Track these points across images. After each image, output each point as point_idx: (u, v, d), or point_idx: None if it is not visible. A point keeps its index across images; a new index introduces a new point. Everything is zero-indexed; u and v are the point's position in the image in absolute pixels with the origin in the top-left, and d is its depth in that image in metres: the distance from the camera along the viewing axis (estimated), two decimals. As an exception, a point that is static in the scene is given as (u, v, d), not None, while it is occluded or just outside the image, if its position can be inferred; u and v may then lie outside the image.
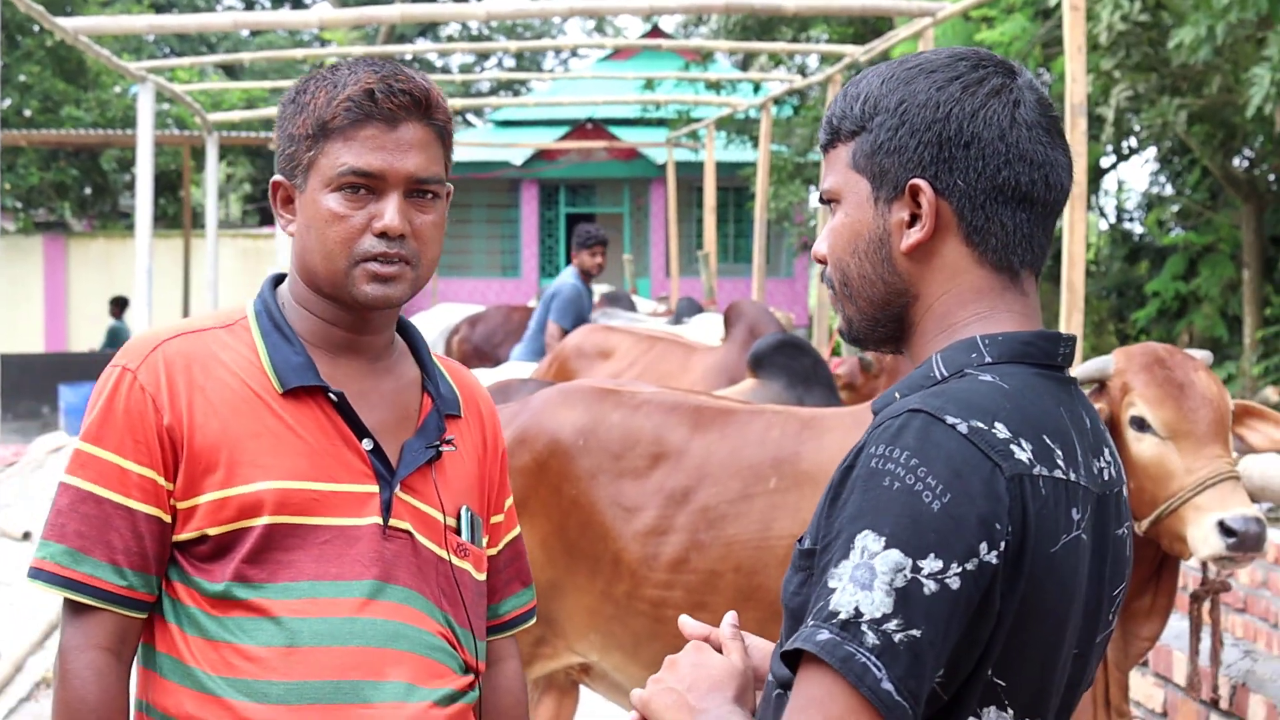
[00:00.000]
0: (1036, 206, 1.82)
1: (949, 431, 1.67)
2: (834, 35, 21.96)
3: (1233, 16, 11.46)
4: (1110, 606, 1.85)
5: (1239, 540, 3.43)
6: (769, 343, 6.04)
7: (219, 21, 11.60)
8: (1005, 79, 1.83)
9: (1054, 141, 1.84)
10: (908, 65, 1.85)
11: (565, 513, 4.18)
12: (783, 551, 4.00)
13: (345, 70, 2.32)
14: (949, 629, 1.62)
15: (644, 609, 4.09)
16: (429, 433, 2.40)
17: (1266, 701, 3.78)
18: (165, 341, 2.32)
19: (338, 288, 2.31)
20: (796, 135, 23.06)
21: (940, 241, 1.82)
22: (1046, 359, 1.82)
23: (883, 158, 1.83)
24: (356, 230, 2.28)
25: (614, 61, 32.50)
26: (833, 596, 1.62)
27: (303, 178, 2.32)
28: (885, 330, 1.90)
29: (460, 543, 2.41)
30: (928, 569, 1.61)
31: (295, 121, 2.32)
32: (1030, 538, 1.67)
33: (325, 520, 2.28)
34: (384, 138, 2.29)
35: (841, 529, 1.66)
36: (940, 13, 10.08)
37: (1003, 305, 1.84)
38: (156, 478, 2.26)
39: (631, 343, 8.55)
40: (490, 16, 9.84)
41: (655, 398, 4.30)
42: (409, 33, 35.17)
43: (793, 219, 26.97)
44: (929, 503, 1.63)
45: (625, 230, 34.13)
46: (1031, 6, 15.46)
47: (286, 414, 2.30)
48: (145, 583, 2.28)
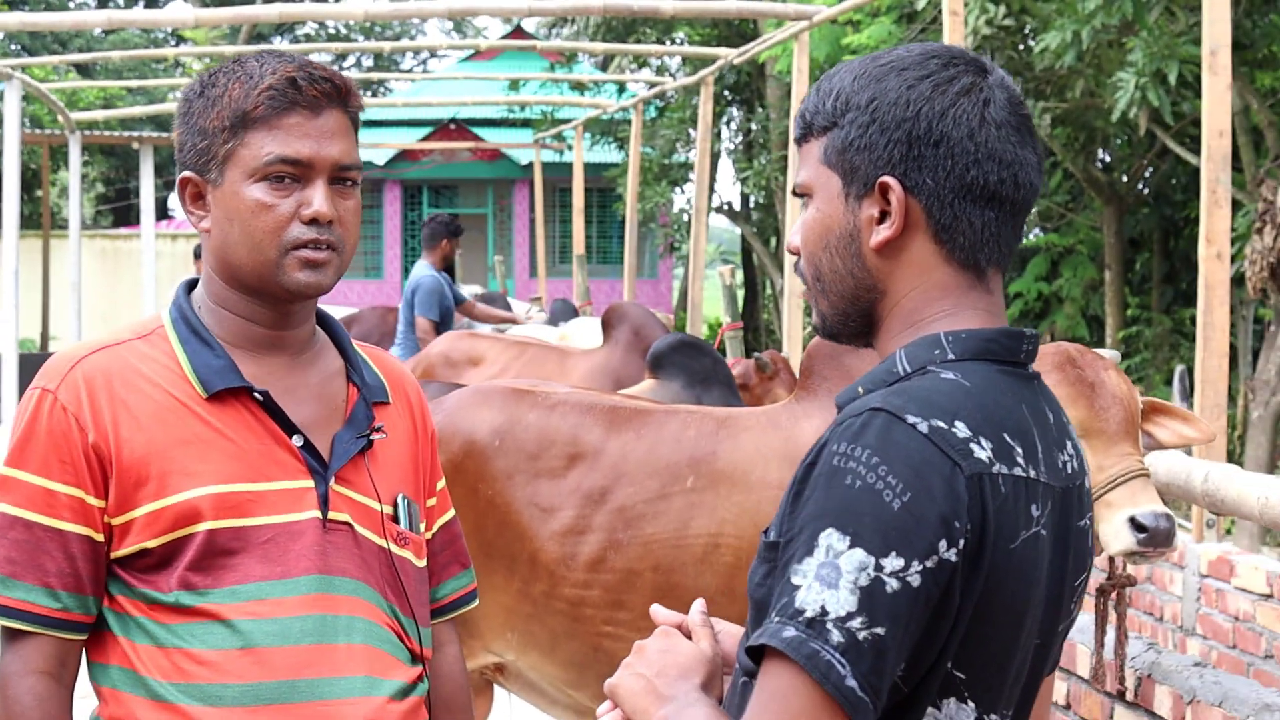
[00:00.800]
0: (1005, 205, 1.84)
1: (909, 431, 1.68)
2: (696, 38, 22.09)
3: (1097, 22, 11.70)
4: (1072, 596, 1.88)
5: (1149, 536, 3.51)
6: (668, 343, 6.07)
7: (93, 19, 11.36)
8: (976, 77, 1.84)
9: (1024, 140, 1.85)
10: (880, 62, 1.86)
11: (481, 513, 4.17)
12: (700, 550, 4.02)
13: (253, 63, 2.30)
14: (910, 626, 1.65)
15: (562, 608, 4.10)
16: (358, 423, 2.38)
17: (1173, 692, 3.86)
18: (83, 359, 2.28)
19: (265, 279, 2.28)
20: (661, 137, 23.16)
21: (909, 239, 1.84)
22: (1009, 355, 1.84)
23: (853, 154, 1.84)
24: (285, 219, 2.26)
25: (476, 62, 32.41)
26: (798, 594, 1.64)
27: (218, 171, 2.28)
28: (855, 325, 1.91)
29: (399, 531, 2.39)
30: (890, 567, 1.63)
31: (207, 115, 2.28)
32: (989, 535, 1.69)
33: (265, 519, 2.26)
34: (308, 125, 2.27)
35: (804, 525, 1.68)
36: (816, 17, 10.20)
37: (968, 303, 1.85)
38: (85, 496, 2.23)
39: (501, 349, 8.49)
40: (369, 17, 9.78)
41: (571, 398, 4.30)
42: (267, 32, 34.77)
43: (658, 220, 27.10)
44: (889, 501, 1.64)
45: (489, 231, 34.06)
46: (896, 10, 15.66)
47: (213, 418, 2.27)
48: (81, 604, 2.24)
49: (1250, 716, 3.60)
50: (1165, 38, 11.60)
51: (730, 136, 25.46)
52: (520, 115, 27.85)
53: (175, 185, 2.38)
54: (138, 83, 17.46)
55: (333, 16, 9.78)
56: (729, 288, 8.70)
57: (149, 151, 18.77)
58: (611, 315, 8.30)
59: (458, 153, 32.02)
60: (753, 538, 4.00)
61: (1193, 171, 16.35)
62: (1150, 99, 11.47)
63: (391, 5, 10.37)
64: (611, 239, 33.46)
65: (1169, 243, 18.81)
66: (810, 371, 4.16)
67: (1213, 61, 5.92)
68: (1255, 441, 12.49)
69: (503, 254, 29.79)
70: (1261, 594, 5.62)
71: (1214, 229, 5.94)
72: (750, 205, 23.97)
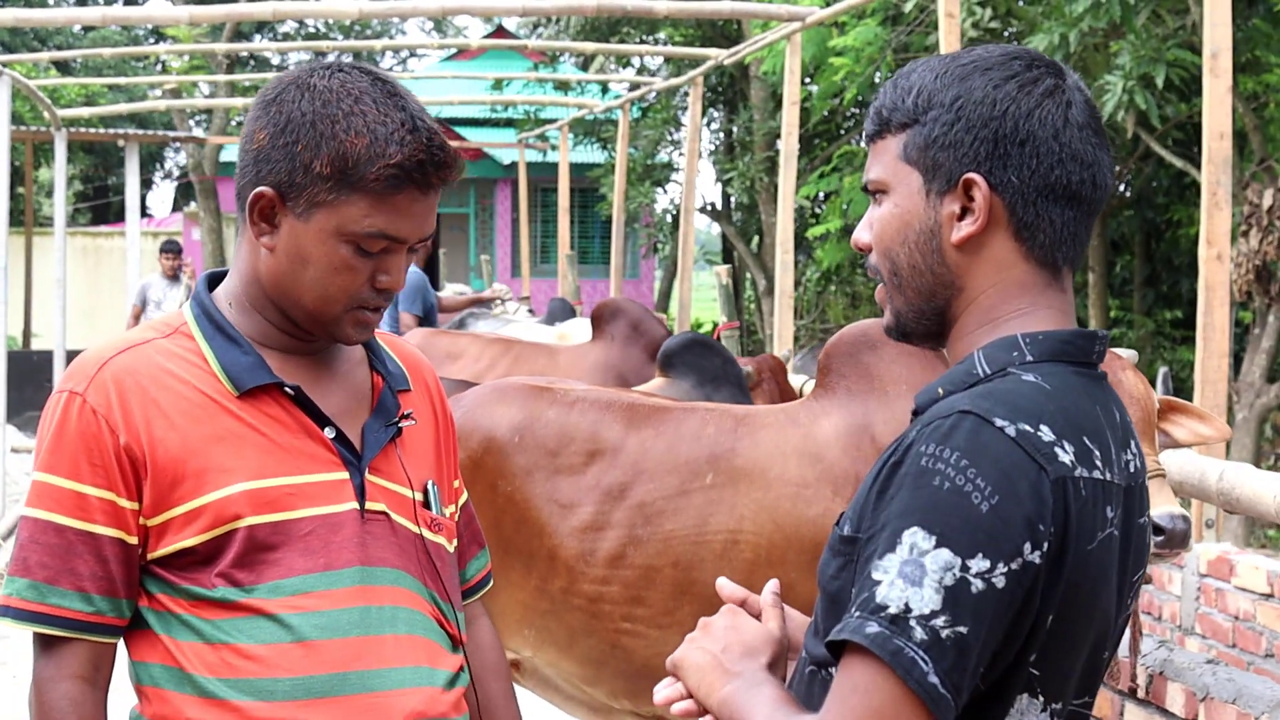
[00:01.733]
0: (1083, 205, 1.87)
1: (998, 434, 1.71)
2: (678, 38, 22.10)
3: (1085, 25, 11.74)
4: (1130, 591, 1.91)
5: (1167, 538, 3.55)
6: (679, 341, 6.08)
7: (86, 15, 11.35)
8: (1057, 80, 1.88)
9: (1101, 142, 1.89)
10: (961, 62, 1.89)
11: (500, 509, 4.19)
12: (719, 546, 4.05)
13: (375, 111, 2.21)
14: (993, 626, 1.68)
15: (580, 604, 4.12)
16: (386, 411, 2.39)
17: (1185, 689, 3.89)
18: (110, 359, 2.26)
19: (317, 325, 2.29)
20: (644, 137, 23.17)
21: (990, 236, 1.87)
22: (1083, 357, 1.87)
23: (937, 151, 1.87)
24: (362, 283, 2.26)
25: (458, 61, 32.38)
26: (879, 589, 1.67)
27: (306, 208, 2.22)
28: (930, 324, 1.94)
29: (432, 517, 2.40)
30: (975, 568, 1.66)
31: (314, 151, 2.20)
32: (1071, 538, 1.73)
33: (304, 512, 2.26)
34: (416, 205, 2.24)
35: (888, 523, 1.71)
36: (809, 18, 10.24)
37: (1044, 302, 1.89)
38: (116, 499, 2.21)
39: (482, 345, 8.47)
40: (364, 15, 9.79)
41: (590, 395, 4.32)
42: (248, 30, 34.71)
43: (641, 220, 27.11)
44: (978, 504, 1.67)
45: (471, 231, 34.01)
46: (882, 12, 15.69)
47: (245, 414, 2.27)
48: (114, 607, 2.24)
49: (1265, 713, 3.63)
50: (1153, 41, 11.65)
51: (711, 137, 25.48)
52: (503, 115, 27.83)
53: (244, 195, 2.28)
54: (121, 80, 17.41)
55: (327, 14, 9.78)
56: (725, 287, 8.72)
57: (134, 149, 18.72)
58: (604, 310, 8.26)
59: (439, 152, 31.92)
60: (771, 534, 4.03)
61: (1175, 174, 16.45)
62: (1138, 102, 11.51)
63: (386, 3, 10.36)
64: (593, 239, 33.46)
65: (1151, 245, 18.91)
66: (828, 369, 4.19)
67: (1214, 64, 5.96)
68: (1240, 443, 12.56)
69: (486, 253, 29.79)
70: (1262, 593, 5.66)
71: (1214, 231, 5.98)
72: (732, 205, 23.98)
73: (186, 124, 30.86)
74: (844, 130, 20.19)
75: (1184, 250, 17.58)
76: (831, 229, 17.59)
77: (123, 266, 21.13)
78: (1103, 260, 17.23)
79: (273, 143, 2.24)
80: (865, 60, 15.53)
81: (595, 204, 28.45)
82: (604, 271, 30.53)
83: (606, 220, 27.87)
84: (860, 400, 4.10)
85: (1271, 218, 12.02)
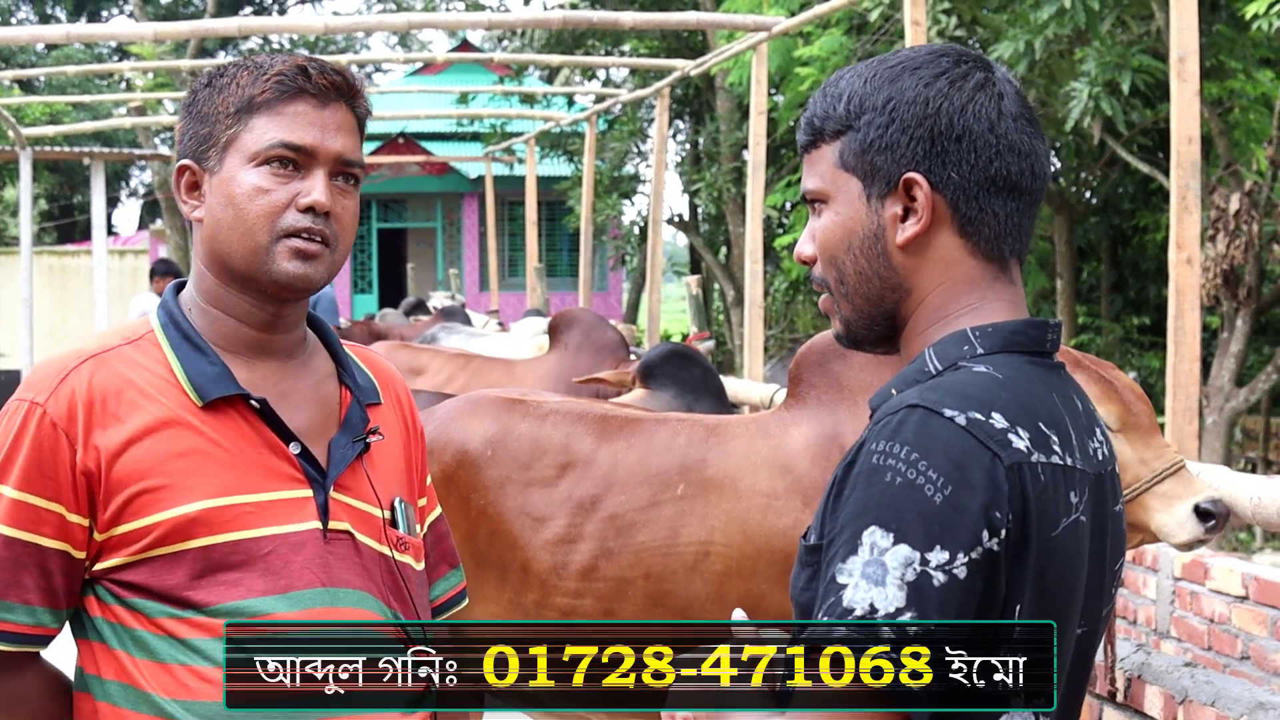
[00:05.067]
0: (1024, 195, 1.86)
1: (947, 424, 1.70)
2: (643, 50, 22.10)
3: (1050, 32, 11.78)
4: (1111, 580, 1.90)
5: (1216, 522, 3.58)
6: (659, 352, 6.07)
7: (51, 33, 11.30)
8: (986, 73, 1.87)
9: (1035, 131, 1.88)
10: (889, 65, 1.88)
11: (473, 523, 4.17)
12: (690, 558, 4.03)
13: (264, 58, 2.28)
14: (959, 618, 1.66)
15: (553, 617, 4.10)
16: (354, 427, 2.34)
17: (1164, 692, 3.88)
18: (73, 370, 2.21)
19: (255, 267, 2.23)
20: (610, 150, 23.18)
21: (934, 234, 1.86)
22: (1036, 346, 1.86)
23: (874, 155, 1.85)
24: (280, 205, 2.21)
25: (423, 76, 32.37)
26: (844, 593, 1.66)
27: (218, 158, 2.24)
28: (880, 329, 1.92)
29: (399, 536, 2.35)
30: (935, 561, 1.64)
31: (212, 102, 2.26)
32: (1031, 524, 1.71)
33: (263, 531, 2.20)
34: (314, 114, 2.24)
35: (846, 524, 1.69)
36: (775, 28, 10.24)
37: (993, 295, 1.87)
38: (65, 513, 2.16)
39: (442, 360, 8.45)
40: (329, 30, 9.77)
41: (563, 407, 4.30)
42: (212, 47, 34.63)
43: (609, 232, 27.11)
44: (931, 495, 1.66)
45: (438, 245, 34.01)
46: (847, 21, 15.73)
47: (208, 428, 2.22)
48: (56, 618, 2.20)
49: (1243, 715, 3.63)
50: (1118, 48, 11.70)
51: (678, 149, 25.50)
52: (469, 129, 27.82)
53: (172, 175, 2.34)
54: (85, 98, 17.33)
55: (291, 30, 9.76)
56: (695, 298, 8.71)
57: (99, 167, 18.65)
58: (559, 321, 8.26)
59: (406, 167, 31.94)
60: (741, 545, 4.00)
61: (1141, 180, 16.52)
62: (1104, 108, 11.56)
63: (351, 18, 10.33)
64: (561, 251, 33.46)
65: (1117, 251, 18.97)
66: (798, 379, 4.17)
67: (1181, 68, 5.96)
68: (1210, 447, 12.59)
69: (455, 267, 29.76)
70: (1237, 595, 5.66)
71: (1184, 235, 5.99)
72: (699, 216, 24.01)
73: (152, 141, 30.77)
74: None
75: (1151, 256, 17.66)
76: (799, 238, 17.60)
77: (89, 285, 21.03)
78: (1070, 266, 17.28)
79: (184, 125, 2.31)
80: (831, 69, 15.55)
81: (563, 217, 28.46)
82: (572, 284, 30.54)
83: (574, 233, 27.88)
84: (830, 410, 4.08)
85: (1238, 222, 12.09)
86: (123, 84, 28.01)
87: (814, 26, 15.11)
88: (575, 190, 23.88)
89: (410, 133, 32.09)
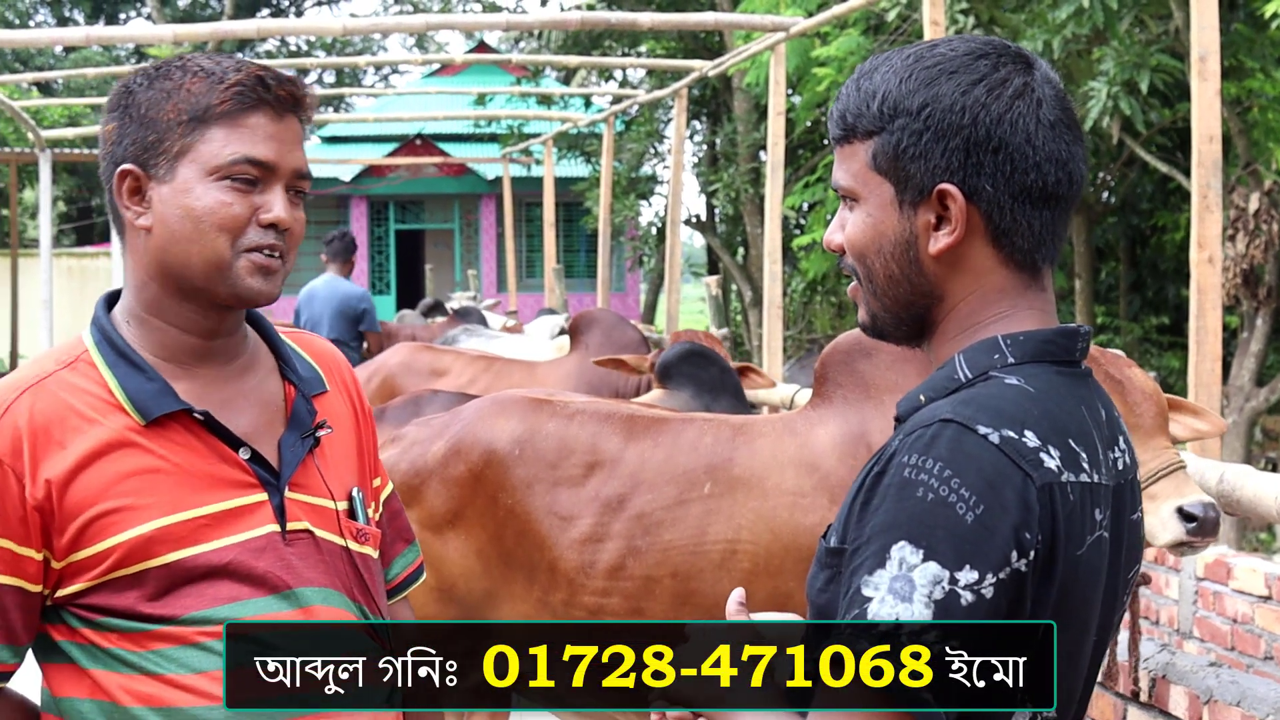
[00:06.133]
0: (1059, 203, 1.84)
1: (981, 441, 1.69)
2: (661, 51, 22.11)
3: (1068, 32, 11.76)
4: (1125, 588, 1.89)
5: (1199, 525, 3.56)
6: (676, 352, 6.08)
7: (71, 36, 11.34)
8: (1025, 77, 1.83)
9: (1074, 136, 1.85)
10: (926, 65, 1.83)
11: (501, 522, 4.18)
12: (717, 556, 4.04)
13: (208, 61, 2.22)
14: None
15: (581, 616, 4.11)
16: (301, 422, 2.30)
17: (1189, 692, 3.88)
18: (12, 404, 2.15)
19: (214, 281, 2.19)
20: (627, 150, 23.19)
21: (967, 244, 1.83)
22: (1066, 355, 1.84)
23: (907, 163, 1.82)
24: (242, 220, 2.17)
25: (440, 77, 32.42)
26: (870, 606, 1.65)
27: (168, 166, 2.18)
28: (907, 328, 1.91)
29: (358, 528, 2.33)
30: (964, 580, 1.64)
31: (159, 107, 2.19)
32: (1060, 544, 1.70)
33: (223, 541, 2.18)
34: (272, 128, 2.20)
35: (873, 536, 1.68)
36: (793, 28, 10.24)
37: (1024, 303, 1.85)
38: (15, 548, 2.12)
39: (465, 362, 8.46)
40: (347, 32, 9.79)
41: (589, 407, 4.32)
42: (229, 48, 34.69)
43: (626, 233, 27.12)
44: (963, 514, 1.65)
45: (456, 246, 34.05)
46: (864, 21, 15.73)
47: (155, 446, 2.18)
48: (15, 654, 2.17)
49: (1270, 716, 3.63)
50: (1136, 47, 11.68)
51: (695, 149, 25.51)
52: (487, 130, 27.85)
53: (109, 187, 2.26)
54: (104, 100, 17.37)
55: (309, 31, 9.78)
56: (715, 298, 8.72)
57: (118, 169, 18.63)
58: (579, 322, 8.27)
59: (424, 168, 32.00)
60: (769, 543, 4.02)
61: (1160, 180, 16.48)
62: (1122, 108, 11.54)
63: (368, 20, 10.36)
64: (578, 253, 33.50)
65: (1136, 251, 18.94)
66: (824, 378, 4.19)
67: (1202, 67, 5.95)
68: (1230, 447, 12.57)
69: (473, 268, 29.79)
70: (1260, 595, 5.66)
71: (1205, 234, 5.98)
72: (717, 217, 24.01)
73: (169, 144, 30.77)
74: (828, 141, 20.19)
75: (1169, 256, 17.62)
76: (817, 239, 17.60)
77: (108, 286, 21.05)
78: (1088, 267, 17.26)
79: (120, 125, 2.22)
80: (848, 70, 15.55)
81: (580, 218, 28.48)
82: (589, 285, 30.57)
83: (591, 234, 27.92)
84: (856, 408, 4.10)
85: (1258, 221, 12.07)
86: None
87: (831, 27, 15.11)
88: (593, 191, 23.89)
89: (428, 134, 32.15)
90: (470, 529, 4.19)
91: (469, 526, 4.19)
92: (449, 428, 4.32)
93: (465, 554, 4.17)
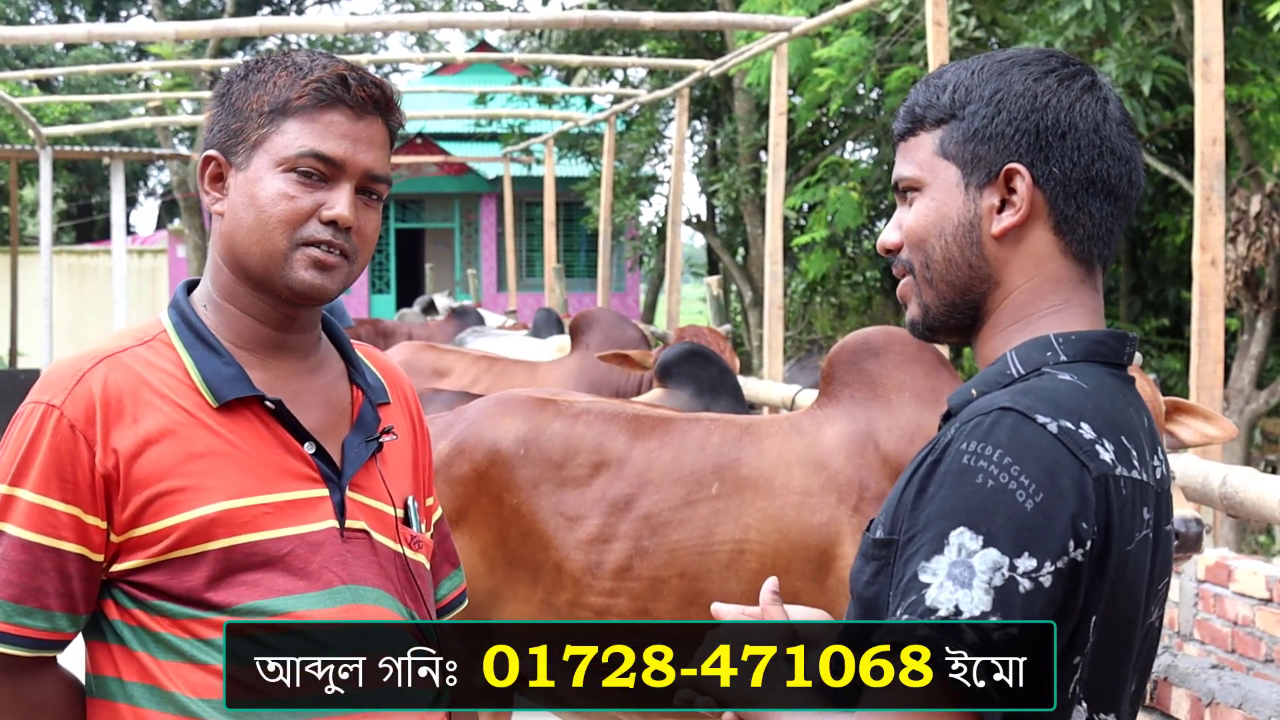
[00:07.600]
0: (1120, 201, 1.88)
1: (1040, 430, 1.70)
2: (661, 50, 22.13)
3: (1070, 33, 11.78)
4: (1156, 599, 1.88)
5: (1180, 541, 3.55)
6: (676, 352, 6.09)
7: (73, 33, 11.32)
8: (1093, 77, 1.89)
9: (1135, 140, 1.90)
10: (998, 59, 1.90)
11: (506, 522, 4.19)
12: (725, 556, 4.05)
13: (304, 56, 2.27)
14: None
15: (587, 617, 4.11)
16: (366, 426, 2.33)
17: (1190, 694, 3.90)
18: (89, 371, 2.19)
19: (271, 271, 2.22)
20: (628, 150, 23.20)
21: (1029, 228, 1.86)
22: (1115, 358, 1.86)
23: (977, 144, 1.86)
24: (304, 213, 2.20)
25: (441, 76, 32.41)
26: (928, 592, 1.66)
27: (245, 155, 2.23)
28: (960, 318, 1.92)
29: (412, 535, 2.36)
30: (1023, 567, 1.64)
31: (246, 97, 2.25)
32: (1113, 537, 1.71)
33: (282, 531, 2.20)
34: (347, 126, 2.23)
35: (931, 523, 1.69)
36: (795, 29, 10.26)
37: (1077, 299, 1.88)
38: (83, 515, 2.14)
39: (468, 362, 8.47)
40: (350, 29, 9.81)
41: (594, 406, 4.32)
42: (230, 47, 34.69)
43: (626, 233, 27.12)
44: (1022, 501, 1.66)
45: (456, 245, 34.05)
46: (865, 22, 15.74)
47: (224, 429, 2.21)
48: (74, 623, 2.18)
49: (1271, 718, 3.64)
50: (1138, 49, 11.70)
51: (695, 149, 25.52)
52: (488, 129, 27.85)
53: (197, 166, 2.34)
54: (104, 98, 17.38)
55: (311, 29, 9.80)
56: (716, 298, 8.73)
57: (119, 167, 18.70)
58: (580, 322, 8.27)
59: (424, 167, 31.99)
60: (776, 543, 4.03)
61: (1161, 182, 16.48)
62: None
63: (369, 18, 10.38)
64: (578, 253, 33.49)
65: (1136, 253, 18.94)
66: (831, 378, 4.20)
67: (1205, 70, 5.97)
68: (1230, 449, 12.57)
69: (473, 268, 29.78)
70: (1261, 598, 5.67)
71: (1208, 236, 6.00)
72: (717, 217, 24.02)
73: (171, 141, 30.82)
74: (828, 141, 20.22)
75: (1170, 258, 17.62)
76: (817, 239, 17.62)
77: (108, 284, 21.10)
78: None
79: (215, 114, 2.30)
80: (850, 71, 15.58)
81: (580, 217, 28.48)
82: (590, 285, 30.56)
83: (592, 233, 27.92)
84: (863, 408, 4.11)
85: (1259, 224, 12.08)
86: (141, 84, 28.08)
87: (833, 27, 15.12)
88: (593, 191, 23.90)
89: (428, 133, 32.14)
90: (474, 529, 4.20)
91: (473, 526, 4.20)
92: (453, 427, 4.33)
93: (469, 554, 4.16)
